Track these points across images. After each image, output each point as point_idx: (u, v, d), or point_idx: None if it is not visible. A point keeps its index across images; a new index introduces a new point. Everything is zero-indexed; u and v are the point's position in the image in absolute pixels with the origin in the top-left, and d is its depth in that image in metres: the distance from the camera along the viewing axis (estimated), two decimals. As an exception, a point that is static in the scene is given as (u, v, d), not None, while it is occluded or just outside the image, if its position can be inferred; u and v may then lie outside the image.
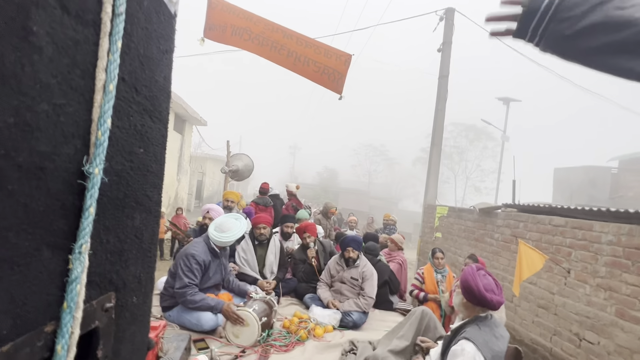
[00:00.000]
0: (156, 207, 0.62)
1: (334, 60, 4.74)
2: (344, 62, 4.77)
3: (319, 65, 4.69)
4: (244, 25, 4.52)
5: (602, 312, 3.45)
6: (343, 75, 4.79)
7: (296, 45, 4.58)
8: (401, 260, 5.08)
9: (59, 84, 0.35)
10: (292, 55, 4.56)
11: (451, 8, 8.86)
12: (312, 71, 4.71)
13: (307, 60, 4.62)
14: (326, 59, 4.72)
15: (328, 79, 4.75)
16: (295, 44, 4.61)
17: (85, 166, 0.39)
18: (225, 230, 3.07)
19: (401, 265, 4.84)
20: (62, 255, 0.38)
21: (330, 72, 4.73)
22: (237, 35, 4.54)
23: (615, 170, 16.03)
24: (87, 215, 0.39)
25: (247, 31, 4.50)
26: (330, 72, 4.73)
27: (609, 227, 3.55)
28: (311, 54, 4.68)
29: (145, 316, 0.61)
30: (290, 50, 4.55)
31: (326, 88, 4.84)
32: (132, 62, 0.50)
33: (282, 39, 4.55)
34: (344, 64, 4.78)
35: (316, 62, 4.68)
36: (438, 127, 8.98)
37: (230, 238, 3.06)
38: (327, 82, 4.78)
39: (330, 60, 4.73)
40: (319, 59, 4.69)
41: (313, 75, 4.75)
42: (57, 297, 0.38)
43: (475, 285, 2.06)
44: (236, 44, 4.64)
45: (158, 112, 0.60)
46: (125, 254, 0.52)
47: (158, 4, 0.58)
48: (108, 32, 0.42)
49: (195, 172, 17.31)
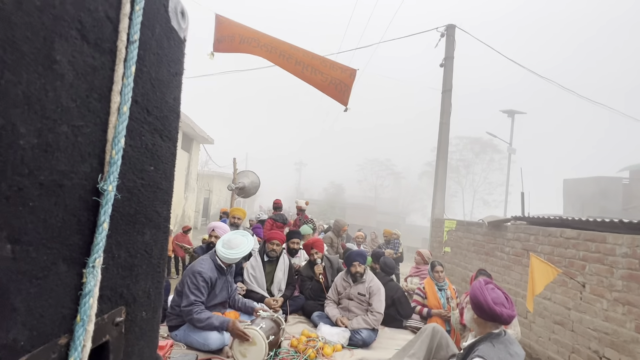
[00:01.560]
0: (165, 223, 0.64)
1: (340, 73, 4.85)
2: (349, 75, 4.87)
3: (325, 75, 4.79)
4: (252, 35, 4.66)
5: (622, 327, 3.32)
6: (349, 87, 4.88)
7: (303, 57, 4.70)
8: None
9: (78, 107, 0.38)
10: (300, 64, 4.66)
11: (452, 25, 9.04)
12: (319, 80, 4.80)
13: (314, 70, 4.72)
14: (332, 71, 4.82)
15: (335, 89, 4.84)
16: (303, 56, 4.74)
17: (99, 183, 0.41)
18: (234, 247, 3.07)
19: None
20: (77, 269, 0.40)
21: (336, 83, 4.82)
22: (245, 43, 4.66)
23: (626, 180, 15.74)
24: (101, 230, 0.41)
25: (255, 40, 4.64)
26: (337, 83, 4.82)
27: (622, 239, 3.46)
28: (318, 65, 4.79)
29: (153, 331, 0.61)
30: (297, 60, 4.66)
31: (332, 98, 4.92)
32: (145, 85, 0.53)
33: (290, 50, 4.67)
34: (350, 76, 4.87)
35: (323, 72, 4.78)
36: (443, 140, 9.00)
37: (238, 255, 3.05)
38: (333, 92, 4.86)
39: (336, 72, 4.84)
40: (325, 70, 4.80)
41: (320, 84, 4.84)
42: (71, 310, 0.39)
43: (484, 300, 2.01)
44: (246, 50, 4.75)
45: (168, 131, 0.63)
46: (135, 268, 0.53)
47: (169, 31, 0.62)
48: (123, 59, 0.45)
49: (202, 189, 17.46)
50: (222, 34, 4.68)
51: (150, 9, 0.53)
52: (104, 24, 0.42)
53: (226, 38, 4.67)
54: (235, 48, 4.73)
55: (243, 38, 4.62)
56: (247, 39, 4.61)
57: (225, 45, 4.70)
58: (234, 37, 4.62)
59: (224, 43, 4.68)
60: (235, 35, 4.61)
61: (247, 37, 4.62)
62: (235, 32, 4.62)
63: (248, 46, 4.64)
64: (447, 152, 9.12)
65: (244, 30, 4.66)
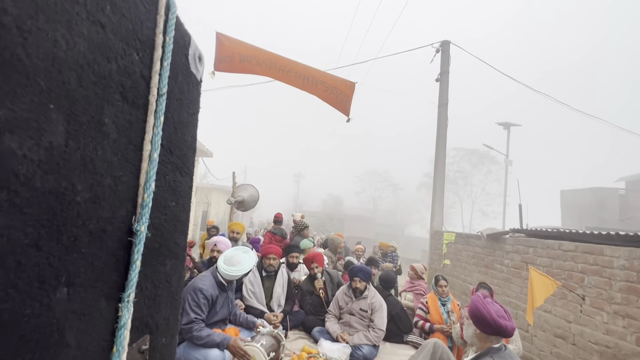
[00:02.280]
0: (183, 252, 0.68)
1: (340, 84, 4.96)
2: (349, 87, 4.98)
3: (327, 85, 4.89)
4: (252, 53, 4.78)
5: (622, 341, 3.33)
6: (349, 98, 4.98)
7: (302, 70, 4.82)
8: (423, 290, 4.98)
9: (119, 159, 0.43)
10: (300, 77, 4.77)
11: (447, 41, 9.27)
12: (320, 90, 4.90)
13: (315, 81, 4.82)
14: (332, 81, 4.93)
15: (336, 98, 4.93)
16: (302, 69, 4.85)
17: (134, 225, 0.46)
18: (235, 264, 3.08)
19: (423, 295, 4.74)
20: (113, 304, 0.44)
21: (337, 93, 4.92)
22: (246, 62, 4.77)
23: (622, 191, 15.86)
24: (135, 267, 0.45)
25: (254, 58, 4.75)
26: (338, 93, 4.92)
27: (620, 252, 3.50)
28: (318, 76, 4.90)
29: (171, 356, 0.65)
30: (297, 73, 4.77)
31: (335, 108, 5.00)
32: (168, 129, 0.59)
33: (289, 64, 4.79)
34: (350, 88, 4.98)
35: (324, 82, 4.89)
36: (440, 153, 9.10)
37: (240, 272, 3.06)
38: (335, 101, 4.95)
39: (337, 83, 4.95)
40: (326, 80, 4.91)
41: (322, 94, 4.93)
42: (108, 342, 0.43)
43: (488, 314, 2.04)
44: (246, 69, 4.86)
45: (186, 167, 0.68)
46: (158, 298, 0.57)
47: (188, 76, 0.67)
48: (154, 110, 0.50)
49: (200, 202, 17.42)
50: (223, 54, 4.80)
51: (174, 61, 0.59)
52: (140, 82, 0.48)
53: (226, 58, 4.79)
54: (235, 68, 4.85)
55: (243, 57, 4.74)
56: (247, 57, 4.73)
57: (226, 65, 4.82)
58: (233, 56, 4.75)
59: (224, 63, 4.80)
60: (235, 55, 4.74)
61: (247, 56, 4.74)
62: (235, 51, 4.74)
63: (248, 65, 4.75)
64: (444, 164, 9.21)
65: (244, 49, 4.78)
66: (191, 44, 0.67)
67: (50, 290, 0.33)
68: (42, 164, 0.31)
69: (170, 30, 0.53)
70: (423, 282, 5.12)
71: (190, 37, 0.67)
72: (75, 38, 0.34)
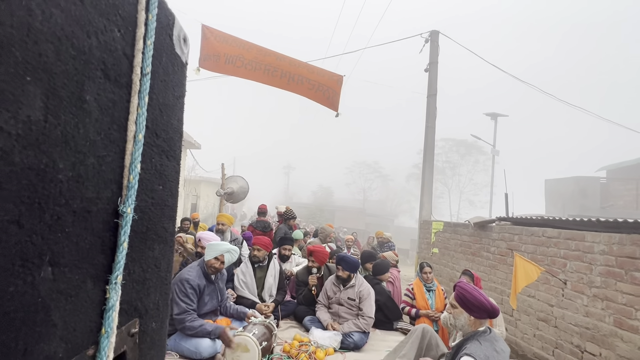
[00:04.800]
0: (171, 237, 0.67)
1: (327, 79, 4.91)
2: (336, 81, 4.95)
3: (313, 83, 4.84)
4: (237, 52, 4.69)
5: (601, 322, 3.48)
6: (337, 93, 4.95)
7: (289, 66, 4.75)
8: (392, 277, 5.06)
9: (102, 139, 0.42)
10: (285, 76, 4.72)
11: (435, 31, 9.28)
12: (306, 89, 4.86)
13: (301, 79, 4.77)
14: (319, 77, 4.88)
15: (323, 95, 4.90)
16: (288, 65, 4.78)
17: (120, 206, 0.45)
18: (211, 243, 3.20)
19: (393, 282, 4.83)
20: (101, 285, 0.43)
21: (324, 89, 4.88)
22: (230, 64, 4.70)
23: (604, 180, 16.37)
24: (122, 249, 0.45)
25: (240, 58, 4.67)
26: (325, 89, 4.88)
27: (600, 237, 3.63)
28: (305, 73, 4.84)
29: (162, 341, 0.65)
30: (283, 71, 4.71)
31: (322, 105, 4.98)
32: (154, 111, 0.57)
33: (275, 62, 4.72)
34: (337, 83, 4.95)
35: (310, 80, 4.84)
36: (429, 143, 9.19)
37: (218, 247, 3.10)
38: (322, 98, 4.92)
39: (324, 78, 4.90)
40: (312, 77, 4.85)
41: (308, 92, 4.89)
42: (97, 323, 0.43)
43: (485, 300, 2.11)
44: (230, 71, 4.80)
45: (173, 151, 0.67)
46: (147, 282, 0.57)
47: (173, 57, 0.66)
48: (138, 90, 0.49)
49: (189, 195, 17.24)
50: (208, 52, 4.71)
51: (158, 40, 0.57)
52: (122, 61, 0.47)
53: (212, 57, 4.70)
54: (220, 69, 4.77)
55: (228, 57, 4.66)
56: (232, 58, 4.65)
57: (211, 64, 4.73)
58: (219, 56, 4.66)
59: (209, 61, 4.72)
60: (220, 55, 4.65)
61: (232, 56, 4.65)
62: (220, 51, 4.65)
63: (233, 67, 4.68)
64: (433, 155, 9.31)
65: (229, 47, 4.69)
66: (175, 24, 0.65)
67: (34, 269, 0.32)
68: (20, 138, 0.30)
69: (153, 7, 0.51)
70: (395, 269, 5.22)
71: (175, 17, 0.65)
72: (51, 9, 0.33)
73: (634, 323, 3.14)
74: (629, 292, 3.22)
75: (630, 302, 3.20)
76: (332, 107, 4.90)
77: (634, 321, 3.14)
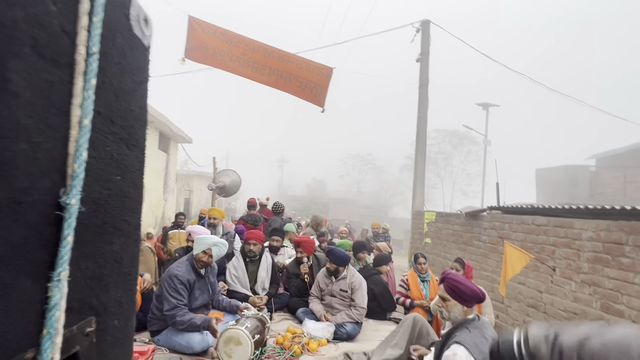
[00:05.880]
0: (135, 231, 0.64)
1: (316, 74, 4.85)
2: (325, 75, 4.89)
3: (300, 80, 4.79)
4: (225, 48, 4.60)
5: (589, 307, 3.54)
6: (325, 88, 4.90)
7: (277, 63, 4.68)
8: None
9: (36, 123, 0.38)
10: (273, 73, 4.66)
11: (427, 20, 9.20)
12: (294, 86, 4.81)
13: (289, 76, 4.72)
14: (308, 73, 4.82)
15: (310, 92, 4.85)
16: (277, 61, 4.71)
17: (62, 198, 0.42)
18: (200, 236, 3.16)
19: (387, 273, 4.86)
20: (42, 283, 0.40)
21: (312, 86, 4.83)
22: (218, 57, 4.61)
23: (593, 168, 16.61)
24: (65, 244, 0.41)
25: (227, 54, 4.59)
26: (313, 86, 4.83)
27: (588, 224, 3.67)
28: (293, 69, 4.78)
29: (127, 339, 0.62)
30: (271, 69, 4.65)
31: (309, 101, 4.93)
32: (107, 96, 0.53)
33: (263, 58, 4.64)
34: (326, 77, 4.89)
35: (298, 77, 4.78)
36: (421, 134, 9.18)
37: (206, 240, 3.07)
38: (309, 95, 4.87)
39: (312, 74, 4.84)
40: (300, 74, 4.79)
41: (295, 90, 4.84)
42: (37, 324, 0.39)
43: (474, 287, 2.12)
44: (217, 64, 4.71)
45: (134, 139, 0.63)
46: (105, 278, 0.53)
47: (131, 39, 0.61)
48: (82, 72, 0.45)
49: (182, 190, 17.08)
50: (195, 43, 4.61)
51: (110, 19, 0.53)
52: (60, 38, 0.42)
53: (199, 48, 4.60)
54: (207, 60, 4.68)
55: (216, 51, 4.56)
56: (220, 53, 4.56)
57: (198, 55, 4.64)
58: (207, 49, 4.56)
59: (196, 52, 4.62)
60: (208, 47, 4.55)
61: (220, 51, 4.56)
62: (208, 43, 4.55)
63: (220, 60, 4.59)
64: (425, 146, 9.32)
65: (217, 41, 4.60)
66: (133, 2, 0.61)
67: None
68: None
69: (99, -19, 0.47)
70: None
71: (132, -5, 0.60)
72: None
73: (619, 307, 3.20)
74: (615, 277, 3.27)
75: (616, 287, 3.26)
76: (319, 104, 4.86)
77: (619, 305, 3.20)
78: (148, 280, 3.32)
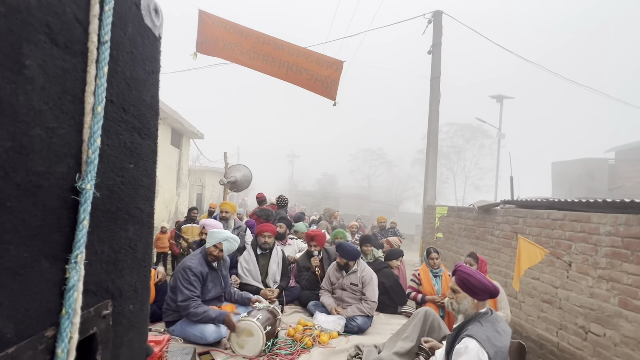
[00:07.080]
0: (149, 219, 0.65)
1: (326, 68, 4.82)
2: (335, 69, 4.85)
3: (311, 73, 4.77)
4: (235, 40, 4.61)
5: (606, 303, 3.46)
6: (336, 82, 4.87)
7: (288, 56, 4.67)
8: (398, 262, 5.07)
9: (51, 109, 0.39)
10: (284, 66, 4.65)
11: (439, 11, 9.01)
12: (304, 79, 4.79)
13: (299, 69, 4.70)
14: (318, 67, 4.80)
15: (321, 85, 4.83)
16: (287, 54, 4.70)
17: (77, 182, 0.43)
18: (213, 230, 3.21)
19: (398, 267, 4.85)
20: (60, 265, 0.41)
21: (322, 79, 4.80)
22: (228, 49, 4.63)
23: (612, 161, 16.08)
24: (81, 227, 0.42)
25: (238, 46, 4.60)
26: (323, 79, 4.80)
27: (606, 218, 3.57)
28: (303, 62, 4.76)
29: (142, 323, 0.63)
30: (282, 61, 4.64)
31: (320, 95, 4.91)
32: (119, 85, 0.54)
33: (273, 51, 4.63)
34: (336, 71, 4.86)
35: (308, 70, 4.76)
36: (433, 128, 9.05)
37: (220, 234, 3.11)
38: (320, 89, 4.85)
39: (322, 68, 4.81)
40: (311, 67, 4.77)
41: (306, 83, 4.83)
42: (57, 304, 0.41)
43: (486, 280, 2.10)
44: (228, 57, 4.73)
45: (147, 129, 0.64)
46: (120, 263, 0.55)
47: (142, 29, 0.62)
48: (95, 59, 0.46)
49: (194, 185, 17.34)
50: (206, 36, 4.63)
51: (121, 8, 0.53)
52: (73, 26, 0.43)
53: (210, 41, 4.62)
54: (218, 53, 4.70)
55: (227, 43, 4.58)
56: (230, 45, 4.58)
57: (209, 48, 4.66)
58: (217, 41, 4.58)
59: (207, 45, 4.64)
60: (218, 39, 4.57)
61: (231, 43, 4.58)
62: (219, 36, 4.57)
63: (231, 53, 4.61)
64: (437, 139, 9.19)
65: (227, 34, 4.61)
66: (143, -7, 0.61)
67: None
68: None
69: (110, -30, 0.47)
70: None
71: (142, -15, 0.61)
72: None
73: (639, 303, 3.11)
74: (635, 272, 3.18)
75: (635, 282, 3.17)
76: (330, 97, 4.83)
77: (639, 301, 3.11)
78: (162, 272, 3.40)
